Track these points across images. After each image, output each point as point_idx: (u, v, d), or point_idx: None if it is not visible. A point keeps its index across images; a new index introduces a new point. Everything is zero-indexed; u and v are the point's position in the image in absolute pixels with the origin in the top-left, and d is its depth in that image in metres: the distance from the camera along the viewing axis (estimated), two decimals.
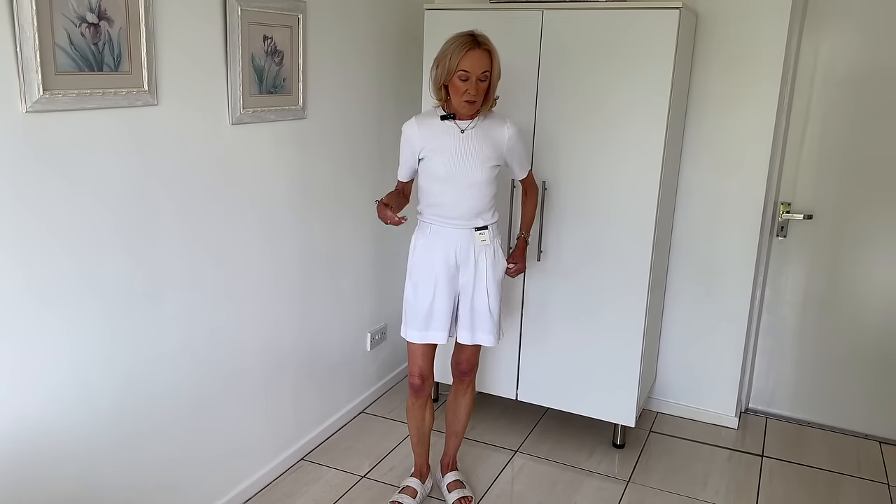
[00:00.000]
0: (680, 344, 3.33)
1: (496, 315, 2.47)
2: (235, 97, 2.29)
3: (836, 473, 2.98)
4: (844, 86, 3.01)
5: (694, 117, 3.09)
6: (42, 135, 1.74)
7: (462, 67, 2.21)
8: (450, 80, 2.24)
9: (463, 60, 2.20)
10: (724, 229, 3.13)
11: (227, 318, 2.43)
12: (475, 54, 2.21)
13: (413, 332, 2.46)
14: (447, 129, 2.33)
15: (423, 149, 2.35)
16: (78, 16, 1.75)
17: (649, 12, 2.60)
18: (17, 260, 1.73)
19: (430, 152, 2.34)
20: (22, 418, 1.81)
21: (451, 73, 2.22)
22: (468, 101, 2.25)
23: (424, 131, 2.35)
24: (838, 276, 3.17)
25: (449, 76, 2.23)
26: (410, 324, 2.46)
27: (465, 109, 2.28)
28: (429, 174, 2.36)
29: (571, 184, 2.84)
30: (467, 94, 2.23)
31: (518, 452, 3.05)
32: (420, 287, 2.43)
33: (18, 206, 1.71)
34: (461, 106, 2.27)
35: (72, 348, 1.90)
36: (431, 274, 2.41)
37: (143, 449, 2.18)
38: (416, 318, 2.45)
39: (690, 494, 2.79)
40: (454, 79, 2.22)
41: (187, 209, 2.19)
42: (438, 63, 2.26)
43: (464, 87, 2.23)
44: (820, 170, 3.12)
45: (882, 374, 3.19)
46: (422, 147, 2.35)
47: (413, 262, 2.46)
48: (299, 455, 2.91)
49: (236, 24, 2.24)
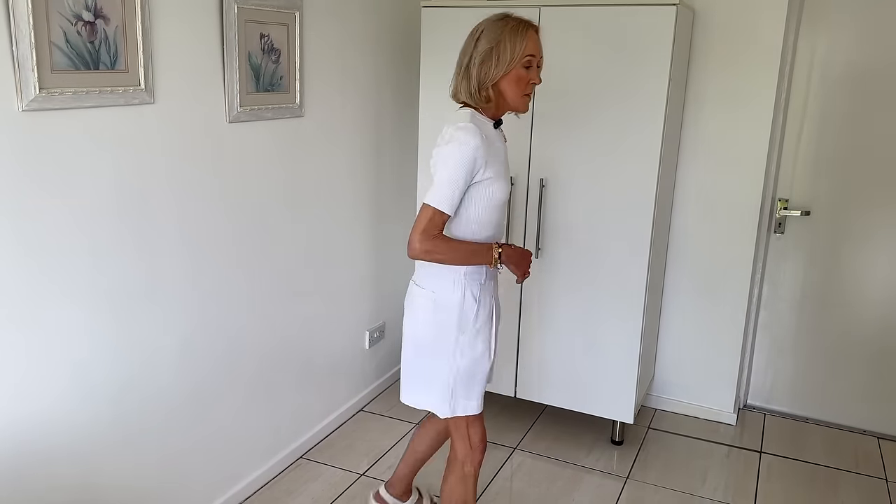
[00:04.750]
0: (678, 340, 3.33)
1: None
2: (232, 95, 2.28)
3: (834, 469, 2.98)
4: (841, 82, 3.01)
5: (691, 114, 3.09)
6: (38, 133, 1.73)
7: (529, 52, 1.86)
8: (509, 72, 1.88)
9: (529, 44, 1.86)
10: (722, 226, 3.13)
11: (226, 317, 2.42)
12: (536, 36, 1.89)
13: (481, 400, 2.08)
14: (495, 140, 1.95)
15: (484, 168, 1.87)
16: (74, 14, 1.75)
17: (646, 9, 2.60)
18: (13, 259, 1.73)
19: (493, 173, 1.89)
20: (21, 418, 1.81)
21: (515, 61, 1.86)
22: (528, 95, 1.92)
23: (486, 145, 1.86)
24: (836, 271, 3.18)
25: (511, 66, 1.86)
26: (479, 391, 2.06)
27: (524, 106, 1.94)
28: (488, 201, 1.92)
29: (569, 182, 2.84)
30: (530, 85, 1.91)
31: (517, 450, 3.05)
32: (491, 344, 2.05)
33: (15, 204, 1.71)
34: (520, 103, 1.91)
35: (70, 348, 1.90)
36: (492, 327, 2.06)
37: (143, 448, 2.17)
38: (483, 381, 2.07)
39: (689, 491, 2.79)
40: (516, 69, 1.87)
41: (184, 208, 2.19)
42: (492, 56, 1.86)
43: (527, 77, 1.89)
44: (817, 166, 3.12)
45: (880, 369, 3.19)
46: (483, 165, 1.87)
47: (478, 319, 2.00)
48: (298, 453, 2.91)
49: (233, 21, 2.23)
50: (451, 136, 1.84)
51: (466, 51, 1.91)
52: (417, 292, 2.04)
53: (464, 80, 1.91)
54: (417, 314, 2.05)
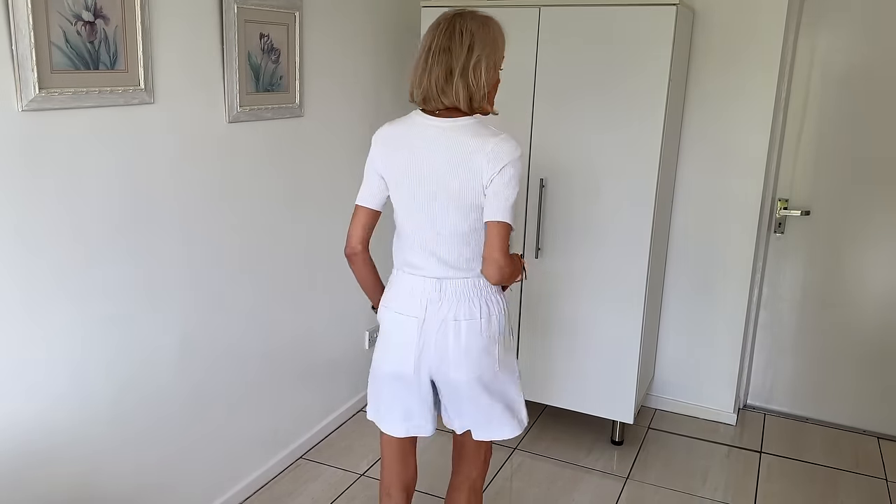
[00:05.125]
0: (678, 340, 3.33)
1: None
2: (232, 95, 2.28)
3: (834, 469, 2.98)
4: (842, 82, 3.01)
5: (691, 114, 3.09)
6: (38, 133, 1.73)
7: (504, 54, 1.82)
8: (497, 75, 1.81)
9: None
10: (722, 226, 3.13)
11: (225, 317, 2.42)
12: None
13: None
14: None
15: None
16: (73, 14, 1.75)
17: (647, 8, 2.60)
18: (12, 259, 1.73)
19: None
20: (20, 418, 1.81)
21: (501, 63, 1.81)
22: None
23: None
24: (836, 271, 3.18)
25: (500, 69, 1.81)
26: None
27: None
28: None
29: (569, 181, 2.84)
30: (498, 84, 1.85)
31: (517, 450, 3.05)
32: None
33: (14, 204, 1.71)
34: (493, 105, 1.85)
35: (69, 348, 1.90)
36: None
37: (142, 448, 2.17)
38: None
39: (689, 491, 2.79)
40: (498, 71, 1.81)
41: (184, 208, 2.19)
42: (492, 59, 1.76)
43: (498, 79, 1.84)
44: (817, 166, 3.12)
45: (880, 369, 3.19)
46: None
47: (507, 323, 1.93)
48: (298, 453, 2.91)
49: (232, 21, 2.23)
50: (514, 152, 1.73)
51: (456, 53, 1.72)
52: (468, 328, 1.81)
53: (462, 85, 1.73)
54: (476, 347, 1.82)
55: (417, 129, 1.79)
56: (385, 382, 1.90)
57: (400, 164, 1.80)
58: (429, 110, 1.79)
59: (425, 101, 1.78)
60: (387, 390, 1.91)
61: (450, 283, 1.81)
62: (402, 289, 1.85)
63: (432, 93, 1.75)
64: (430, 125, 1.78)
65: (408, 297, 1.83)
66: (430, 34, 1.76)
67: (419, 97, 1.79)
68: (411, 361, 1.84)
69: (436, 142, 1.76)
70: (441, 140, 1.75)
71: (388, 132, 1.83)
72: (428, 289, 1.81)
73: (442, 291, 1.81)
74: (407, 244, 1.84)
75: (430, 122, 1.78)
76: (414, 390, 1.87)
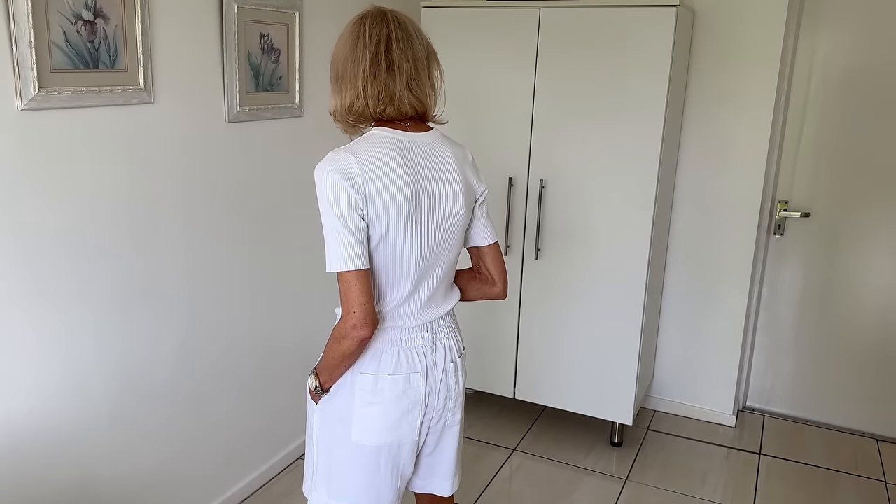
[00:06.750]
0: (677, 342, 3.33)
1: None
2: (232, 95, 2.28)
3: (833, 471, 2.98)
4: (842, 83, 3.01)
5: (691, 115, 3.09)
6: (37, 132, 1.73)
7: None
8: None
9: None
10: (722, 227, 3.13)
11: (225, 317, 2.42)
12: None
13: None
14: None
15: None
16: (73, 13, 1.75)
17: (647, 10, 2.60)
18: (12, 258, 1.73)
19: None
20: (20, 419, 1.80)
21: None
22: None
23: None
24: (836, 273, 3.18)
25: None
26: None
27: None
28: None
29: (569, 182, 2.84)
30: None
31: (516, 451, 3.05)
32: None
33: (14, 203, 1.71)
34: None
35: (68, 348, 1.90)
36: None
37: (141, 448, 2.17)
38: None
39: (688, 492, 2.79)
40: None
41: (183, 207, 2.19)
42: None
43: None
44: (817, 167, 3.12)
45: (879, 371, 3.19)
46: None
47: None
48: (297, 454, 2.90)
49: (232, 21, 2.23)
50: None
51: (424, 64, 1.48)
52: (462, 364, 1.67)
53: (433, 98, 1.52)
54: (461, 384, 1.68)
55: (407, 150, 1.46)
56: (368, 459, 1.56)
57: (399, 197, 1.44)
58: (391, 125, 1.48)
59: (383, 112, 1.46)
60: (364, 472, 1.57)
61: (438, 322, 1.60)
62: (391, 346, 1.55)
63: (402, 96, 1.44)
64: (416, 142, 1.48)
65: (402, 353, 1.55)
66: (367, 29, 1.45)
67: (376, 106, 1.44)
68: (418, 424, 1.57)
69: (432, 161, 1.49)
70: (436, 158, 1.50)
71: (366, 160, 1.42)
72: (420, 336, 1.57)
73: (433, 334, 1.58)
74: (390, 294, 1.53)
75: (413, 137, 1.48)
76: (399, 462, 1.59)
